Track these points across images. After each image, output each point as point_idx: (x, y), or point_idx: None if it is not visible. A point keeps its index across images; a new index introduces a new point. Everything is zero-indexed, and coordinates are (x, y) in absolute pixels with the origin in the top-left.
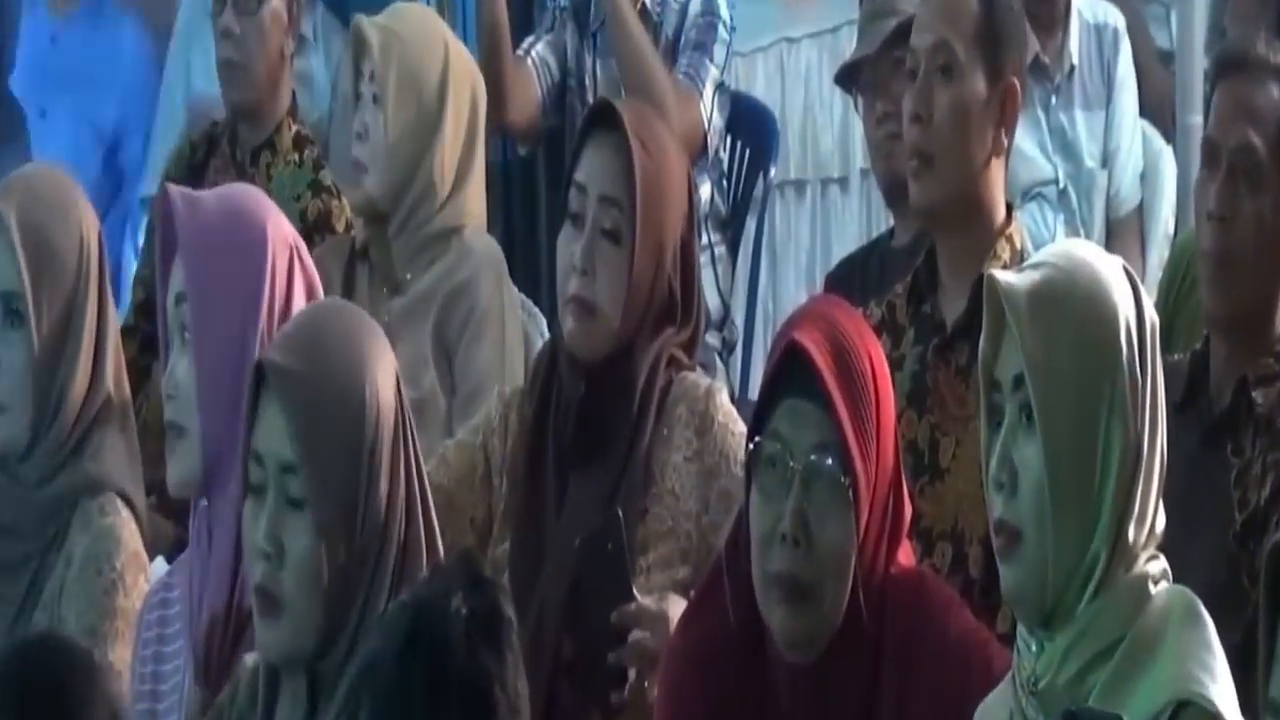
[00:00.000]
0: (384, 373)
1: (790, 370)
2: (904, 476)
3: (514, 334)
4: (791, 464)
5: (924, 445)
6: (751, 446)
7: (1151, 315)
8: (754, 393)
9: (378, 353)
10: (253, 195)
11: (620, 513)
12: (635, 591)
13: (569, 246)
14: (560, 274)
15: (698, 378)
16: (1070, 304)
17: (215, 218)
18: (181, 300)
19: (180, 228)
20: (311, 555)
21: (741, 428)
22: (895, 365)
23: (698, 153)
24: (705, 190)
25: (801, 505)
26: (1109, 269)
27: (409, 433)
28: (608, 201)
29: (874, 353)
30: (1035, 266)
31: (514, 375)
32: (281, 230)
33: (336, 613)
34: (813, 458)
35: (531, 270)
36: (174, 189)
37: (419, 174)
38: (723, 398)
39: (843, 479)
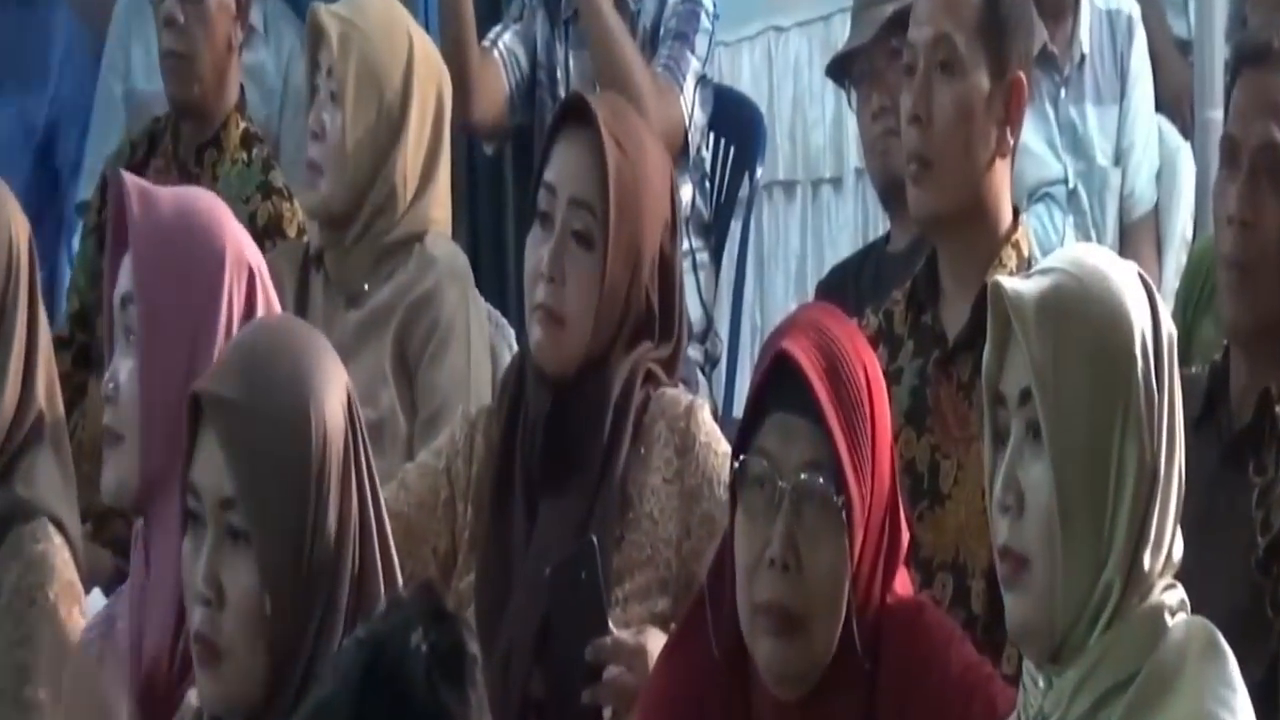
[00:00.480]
0: (334, 393)
1: (778, 382)
2: (901, 500)
3: (480, 349)
4: (780, 483)
5: (923, 467)
6: (736, 465)
7: (1168, 326)
8: (739, 410)
9: (327, 371)
10: (213, 206)
11: (594, 539)
12: (610, 624)
13: (537, 250)
14: (527, 280)
15: (678, 394)
16: (1082, 313)
17: (171, 219)
18: (129, 302)
19: (131, 224)
20: (254, 596)
21: (725, 447)
22: (893, 379)
23: (678, 152)
24: (686, 192)
25: (791, 528)
26: (1123, 276)
27: (363, 457)
28: (578, 204)
29: (869, 364)
30: (1044, 273)
31: (480, 393)
32: (243, 251)
33: (283, 659)
34: (803, 476)
35: (499, 280)
36: (130, 179)
37: (380, 178)
38: (705, 415)
39: (835, 499)
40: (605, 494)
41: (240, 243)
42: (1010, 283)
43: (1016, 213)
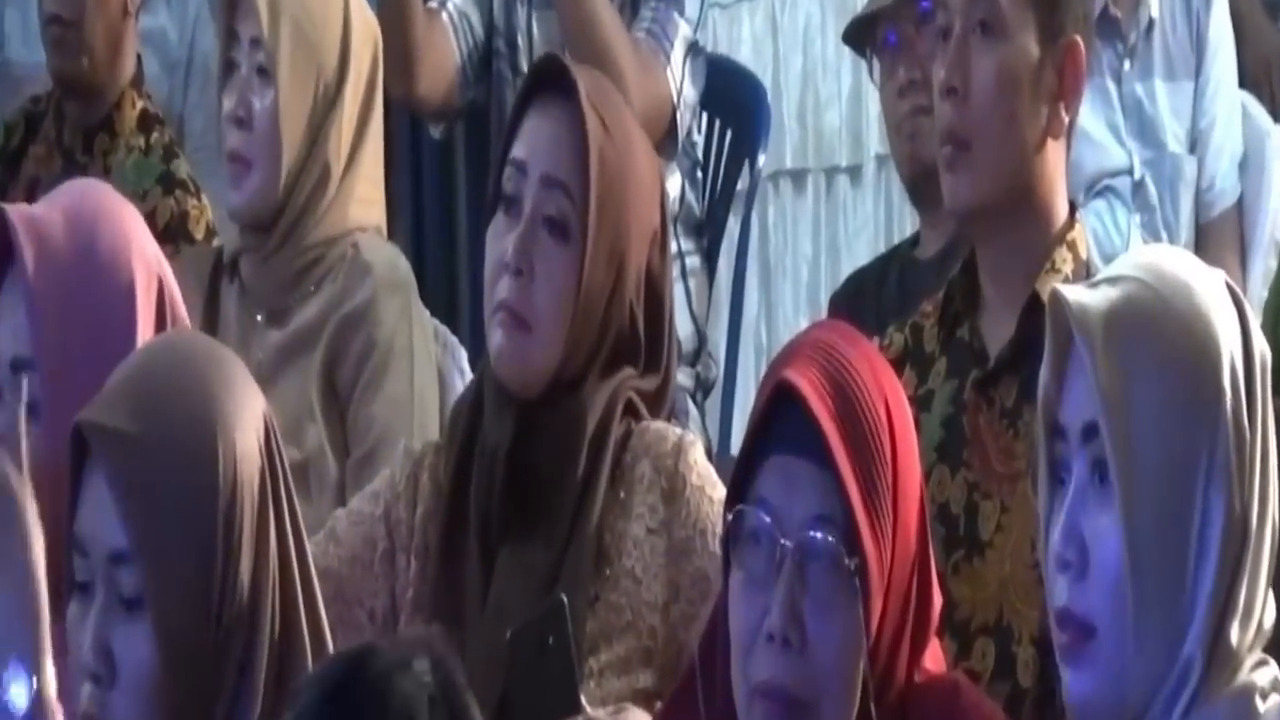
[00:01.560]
0: (247, 426)
1: (781, 418)
2: (931, 554)
3: (425, 374)
4: (782, 541)
5: (959, 510)
6: (730, 517)
7: (1261, 347)
8: (738, 448)
9: (239, 399)
10: (111, 216)
11: (564, 599)
12: (583, 701)
13: (500, 241)
14: (489, 275)
15: (665, 428)
16: (1160, 331)
17: (69, 261)
18: (23, 368)
19: (24, 279)
20: (150, 670)
21: (722, 492)
22: (922, 406)
23: (663, 135)
24: (674, 184)
25: (794, 595)
26: (1209, 287)
27: (284, 503)
28: (553, 183)
29: (891, 395)
30: (1113, 281)
31: (426, 426)
32: (145, 253)
33: None
34: (809, 533)
35: (448, 291)
36: (14, 212)
37: (311, 169)
38: (697, 454)
39: (847, 561)
40: (578, 545)
41: (144, 244)
42: (1073, 293)
43: (1073, 208)
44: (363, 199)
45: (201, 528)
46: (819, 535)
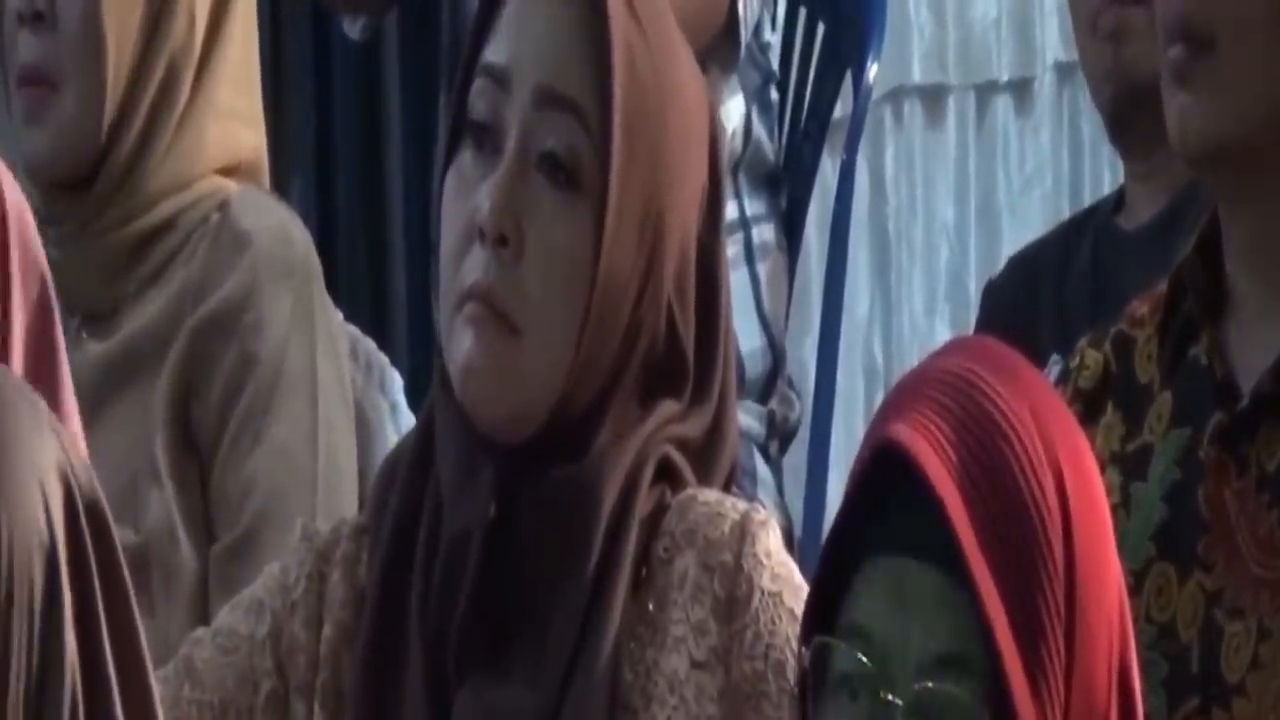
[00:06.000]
0: (26, 491)
1: (891, 498)
2: (1140, 712)
3: (334, 409)
4: (888, 697)
5: (1191, 635)
6: (808, 651)
7: None
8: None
9: (24, 449)
10: None
11: None
12: None
13: (468, 193)
14: (449, 248)
15: (719, 501)
16: None
17: None
18: None
19: None
20: None
21: (803, 598)
22: (1131, 470)
23: (716, 32)
24: (734, 110)
25: None
26: None
27: (99, 617)
28: (554, 103)
29: (1069, 460)
30: None
31: (335, 494)
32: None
33: None
34: (930, 685)
35: (372, 277)
36: None
37: (147, 77)
38: (770, 541)
39: None
40: (582, 685)
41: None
42: None
43: None
44: (227, 111)
45: None
46: (944, 688)
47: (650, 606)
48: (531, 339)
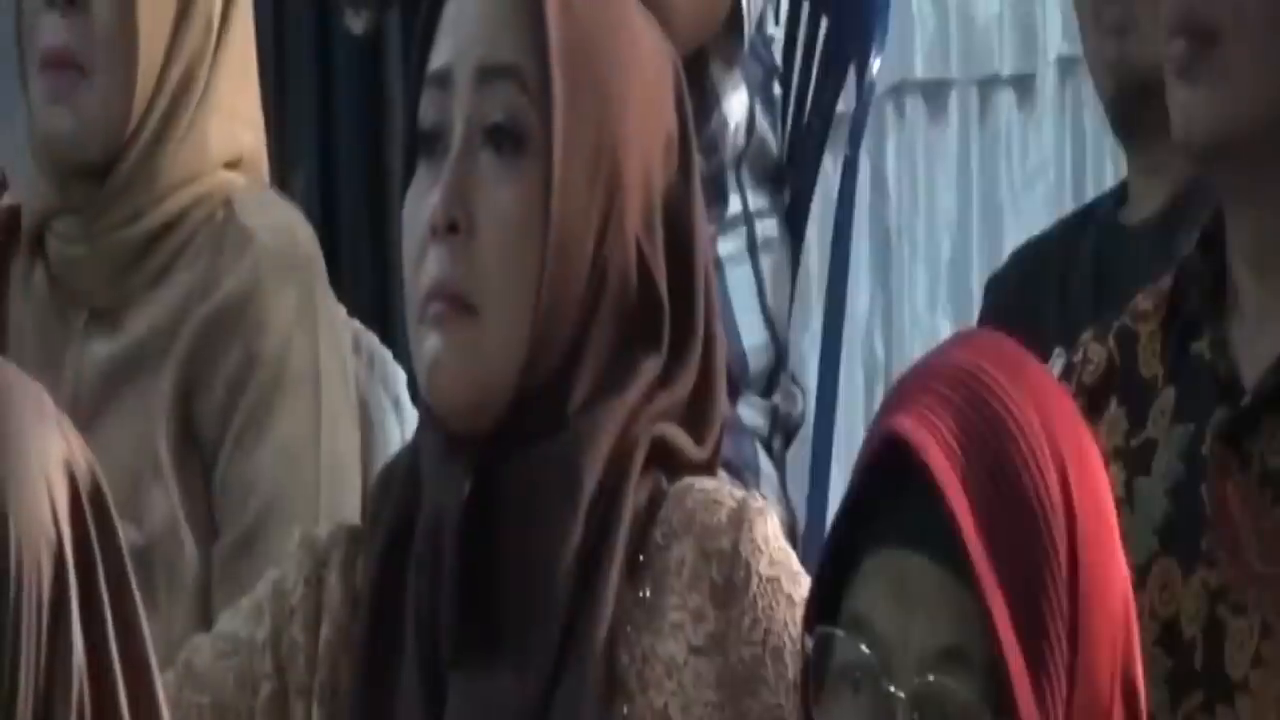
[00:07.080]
0: (33, 489)
1: (893, 492)
2: (1143, 708)
3: (338, 407)
4: (888, 688)
5: (1194, 632)
6: (810, 642)
7: None
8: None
9: (23, 448)
10: None
11: None
12: None
13: (424, 197)
14: (410, 258)
15: (716, 488)
16: None
17: None
18: None
19: None
20: None
21: (804, 589)
22: (1136, 465)
23: (719, 27)
24: (737, 104)
25: None
26: None
27: (105, 615)
28: (495, 74)
29: (1073, 454)
30: None
31: (339, 493)
32: None
33: None
34: (931, 678)
35: (376, 274)
36: None
37: (170, 71)
38: (768, 528)
39: None
40: (576, 672)
41: None
42: None
43: None
44: (229, 111)
45: None
46: (946, 682)
47: (647, 592)
48: (490, 312)
